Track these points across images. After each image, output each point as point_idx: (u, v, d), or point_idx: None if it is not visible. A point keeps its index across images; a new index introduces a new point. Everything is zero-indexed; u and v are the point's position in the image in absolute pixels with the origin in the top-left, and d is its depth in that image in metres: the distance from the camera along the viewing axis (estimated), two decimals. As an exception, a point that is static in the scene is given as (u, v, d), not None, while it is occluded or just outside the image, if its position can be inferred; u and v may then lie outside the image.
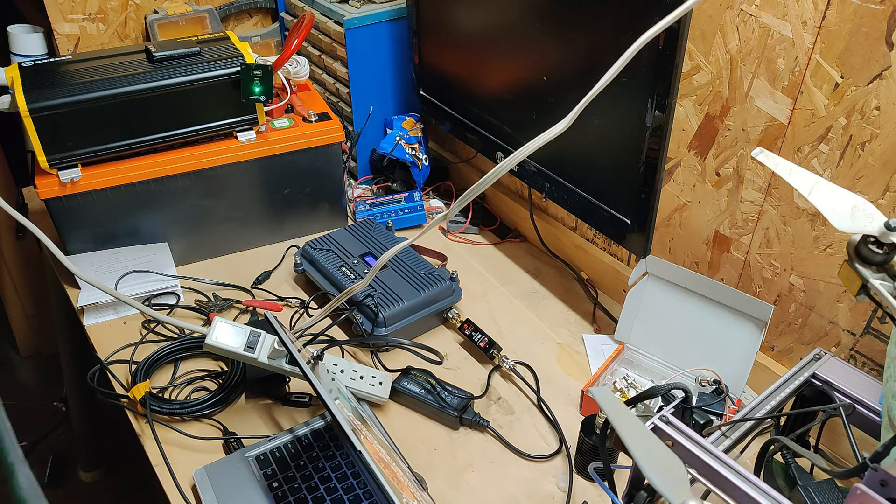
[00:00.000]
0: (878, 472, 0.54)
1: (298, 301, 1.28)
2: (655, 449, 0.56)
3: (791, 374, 0.79)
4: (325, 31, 1.52)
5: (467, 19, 1.29)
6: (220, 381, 1.11)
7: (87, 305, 1.21)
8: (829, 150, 0.90)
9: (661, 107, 0.94)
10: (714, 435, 0.72)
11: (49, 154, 1.17)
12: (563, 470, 0.99)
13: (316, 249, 1.30)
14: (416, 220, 1.48)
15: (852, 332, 0.96)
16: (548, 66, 1.13)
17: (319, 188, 1.41)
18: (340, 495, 0.91)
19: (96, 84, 1.17)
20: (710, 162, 1.06)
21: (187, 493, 0.93)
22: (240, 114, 1.28)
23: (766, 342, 1.09)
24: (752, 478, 0.60)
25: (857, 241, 0.62)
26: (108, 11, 1.56)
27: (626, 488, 0.68)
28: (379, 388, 1.06)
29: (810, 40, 0.88)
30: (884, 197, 0.87)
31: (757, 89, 0.96)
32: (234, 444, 1.00)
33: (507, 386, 1.13)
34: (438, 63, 1.42)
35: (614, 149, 1.05)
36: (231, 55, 1.26)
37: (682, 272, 1.08)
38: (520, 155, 0.75)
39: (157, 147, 1.25)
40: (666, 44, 0.89)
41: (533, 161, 1.21)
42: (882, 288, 0.60)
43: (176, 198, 1.29)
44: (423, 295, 1.19)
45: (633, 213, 1.06)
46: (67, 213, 1.23)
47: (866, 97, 0.84)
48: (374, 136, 1.57)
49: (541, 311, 1.29)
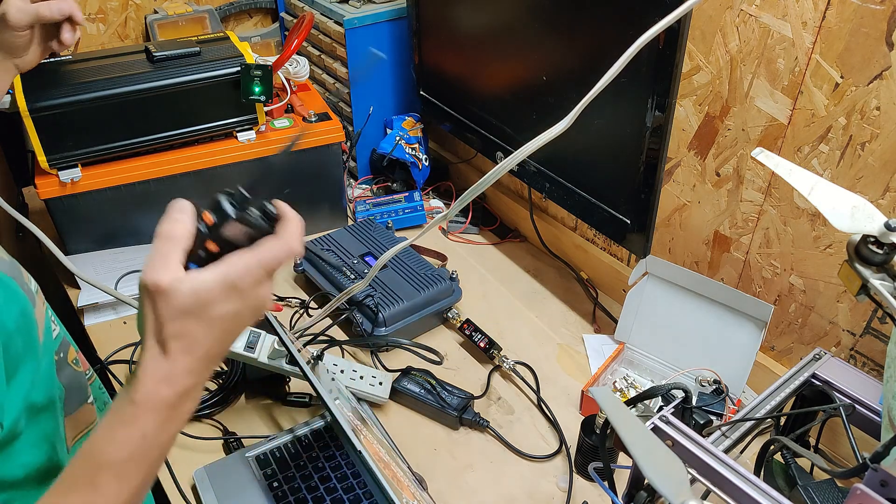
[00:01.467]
0: (878, 472, 0.54)
1: (298, 301, 1.28)
2: (655, 449, 0.56)
3: (791, 374, 0.79)
4: (325, 31, 1.52)
5: (467, 19, 1.28)
6: (220, 381, 1.11)
7: (87, 305, 1.21)
8: (829, 150, 0.90)
9: (661, 107, 0.94)
10: (714, 435, 0.72)
11: (49, 154, 1.17)
12: (563, 470, 0.99)
13: (316, 249, 1.30)
14: (416, 220, 1.48)
15: (852, 332, 0.96)
16: (548, 66, 1.13)
17: (319, 188, 1.41)
18: (340, 495, 0.91)
19: (96, 84, 1.17)
20: (710, 162, 1.06)
21: (187, 493, 0.92)
22: (240, 114, 1.28)
23: (766, 342, 1.09)
24: (752, 478, 0.60)
25: (857, 241, 0.62)
26: (108, 11, 1.56)
27: (626, 488, 0.68)
28: (379, 388, 1.06)
29: (810, 40, 0.88)
30: (884, 197, 0.87)
31: (757, 89, 0.96)
32: (234, 444, 1.00)
33: (507, 386, 1.13)
34: (438, 63, 1.42)
35: (614, 149, 1.05)
36: (231, 55, 1.26)
37: (682, 272, 1.08)
38: (520, 155, 0.75)
39: (157, 147, 1.25)
40: (666, 44, 0.89)
41: (533, 161, 1.21)
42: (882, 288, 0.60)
43: (176, 198, 1.28)
44: (423, 295, 1.19)
45: (633, 213, 1.06)
46: (67, 213, 1.23)
47: (866, 97, 0.84)
48: (374, 136, 1.57)
49: (541, 311, 1.29)
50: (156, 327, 0.50)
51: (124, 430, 0.49)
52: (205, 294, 0.50)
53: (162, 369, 0.50)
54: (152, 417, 0.49)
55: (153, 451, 0.50)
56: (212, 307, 0.50)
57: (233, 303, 0.51)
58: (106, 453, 0.48)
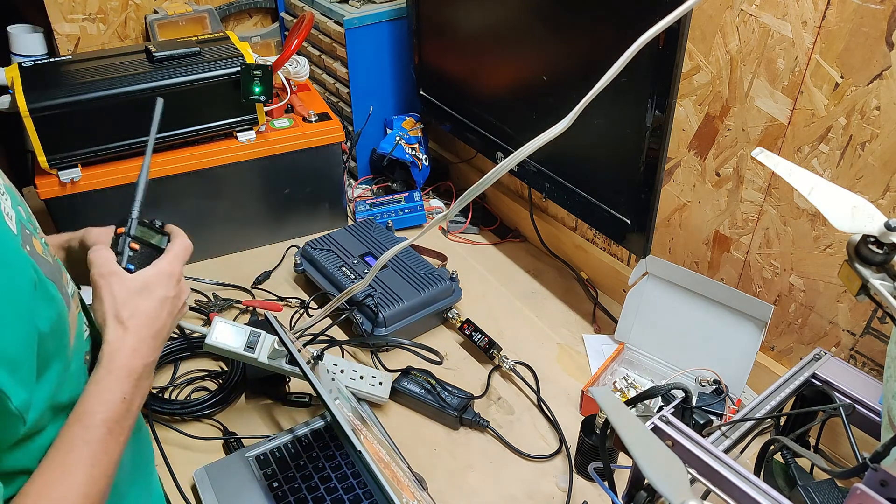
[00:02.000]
0: (878, 472, 0.54)
1: (298, 301, 1.28)
2: (655, 449, 0.56)
3: (791, 374, 0.79)
4: (325, 31, 1.52)
5: (467, 19, 1.29)
6: (220, 381, 1.11)
7: (87, 305, 1.21)
8: (829, 150, 0.90)
9: (661, 107, 0.94)
10: (714, 435, 0.72)
11: (49, 154, 1.17)
12: (563, 470, 0.99)
13: (316, 249, 1.30)
14: (416, 220, 1.48)
15: (852, 332, 0.96)
16: (548, 66, 1.13)
17: (319, 188, 1.41)
18: (340, 495, 0.91)
19: (96, 84, 1.17)
20: (710, 162, 1.06)
21: (187, 493, 0.93)
22: (240, 114, 1.28)
23: (766, 342, 1.09)
24: (752, 478, 0.60)
25: (857, 241, 0.62)
26: (108, 11, 1.56)
27: (626, 488, 0.68)
28: (379, 388, 1.06)
29: (810, 40, 0.88)
30: (884, 197, 0.87)
31: (757, 89, 0.96)
32: (234, 444, 1.00)
33: (507, 386, 1.13)
34: (438, 63, 1.42)
35: (614, 149, 1.05)
36: (231, 55, 1.26)
37: (682, 272, 1.08)
38: (520, 155, 0.75)
39: (157, 147, 1.25)
40: (666, 44, 0.89)
41: (533, 161, 1.21)
42: (882, 288, 0.60)
43: (176, 198, 1.29)
44: (423, 295, 1.19)
45: (633, 213, 1.06)
46: (67, 213, 1.23)
47: (866, 97, 0.84)
48: (374, 136, 1.57)
49: (541, 311, 1.29)
50: (114, 307, 0.64)
51: (109, 394, 0.59)
52: (150, 279, 0.67)
53: (128, 342, 0.63)
54: (128, 382, 0.61)
55: (131, 412, 0.62)
56: (156, 289, 0.67)
57: (172, 288, 0.69)
58: (97, 414, 0.58)
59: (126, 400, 0.60)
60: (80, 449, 0.57)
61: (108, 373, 0.61)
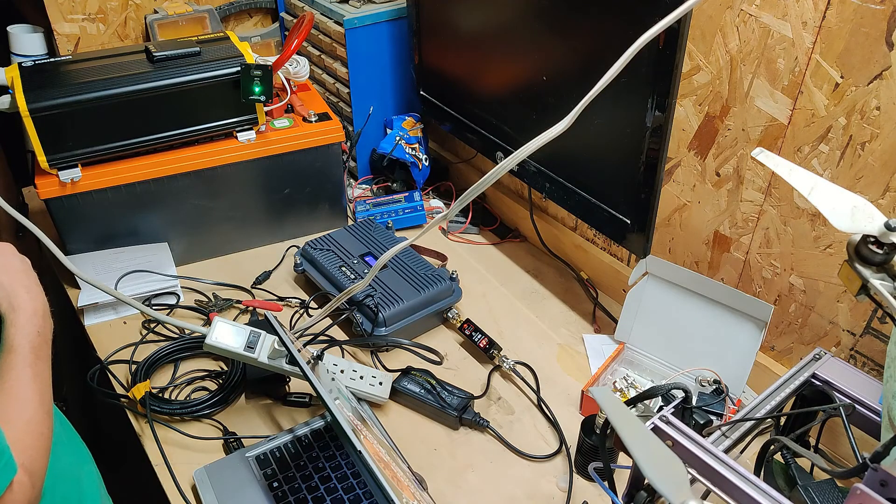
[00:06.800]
0: (878, 472, 0.54)
1: (298, 301, 1.28)
2: (655, 449, 0.56)
3: (791, 374, 0.79)
4: (325, 31, 1.52)
5: (467, 19, 1.29)
6: (220, 381, 1.11)
7: (87, 305, 1.21)
8: (829, 150, 0.90)
9: (661, 107, 0.94)
10: (714, 435, 0.72)
11: (49, 154, 1.17)
12: (563, 470, 0.99)
13: (316, 249, 1.30)
14: (416, 220, 1.48)
15: (852, 332, 0.96)
16: (548, 66, 1.13)
17: (319, 188, 1.41)
18: (340, 495, 0.91)
19: (96, 84, 1.17)
20: (710, 162, 1.06)
21: (187, 493, 0.93)
22: (240, 114, 1.28)
23: (766, 342, 1.09)
24: (752, 478, 0.60)
25: (857, 241, 0.62)
26: (108, 11, 1.56)
27: (626, 488, 0.68)
28: (379, 388, 1.06)
29: (810, 40, 0.88)
30: (884, 197, 0.87)
31: (757, 89, 0.96)
32: (234, 444, 1.00)
33: (507, 386, 1.13)
34: (438, 63, 1.42)
35: (614, 149, 1.05)
36: (231, 55, 1.26)
37: (682, 272, 1.08)
38: (520, 155, 0.75)
39: (157, 147, 1.25)
40: (666, 44, 0.89)
41: (533, 161, 1.21)
42: (882, 288, 0.60)
43: (176, 198, 1.29)
44: (423, 295, 1.19)
45: (633, 213, 1.06)
46: (67, 213, 1.23)
47: (866, 97, 0.84)
48: (374, 136, 1.57)
49: (541, 311, 1.29)
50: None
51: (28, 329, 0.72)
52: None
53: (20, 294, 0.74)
54: (35, 323, 0.73)
55: (46, 343, 0.73)
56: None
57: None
58: (24, 346, 0.70)
59: (41, 333, 0.73)
60: (23, 369, 0.70)
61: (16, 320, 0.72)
